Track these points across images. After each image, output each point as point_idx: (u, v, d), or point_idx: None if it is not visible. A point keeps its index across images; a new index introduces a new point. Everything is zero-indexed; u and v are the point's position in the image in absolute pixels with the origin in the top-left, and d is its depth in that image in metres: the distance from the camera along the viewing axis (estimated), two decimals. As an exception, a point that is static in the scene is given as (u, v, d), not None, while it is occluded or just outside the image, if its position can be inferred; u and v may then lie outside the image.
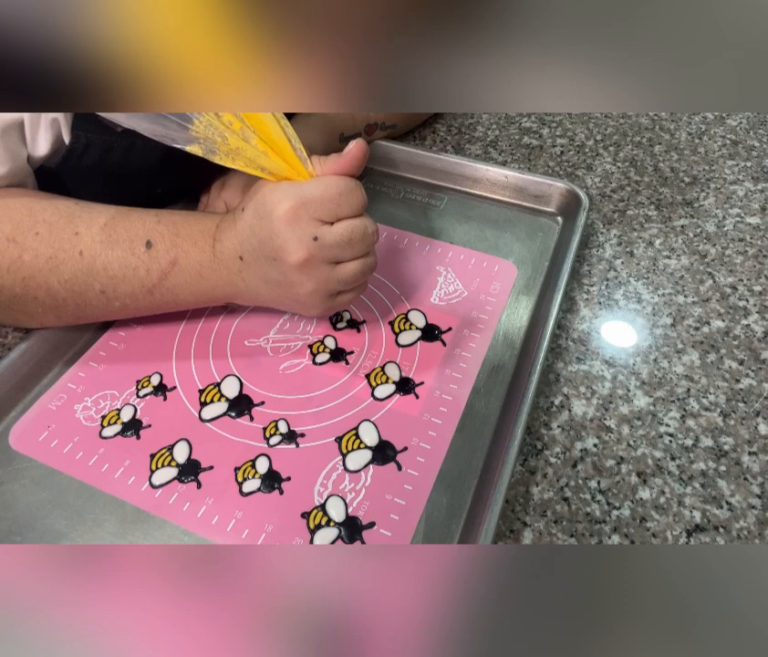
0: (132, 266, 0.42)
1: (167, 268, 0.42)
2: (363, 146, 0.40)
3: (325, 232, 0.39)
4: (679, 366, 0.48)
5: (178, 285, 0.43)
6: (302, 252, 0.39)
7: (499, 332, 0.49)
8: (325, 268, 0.40)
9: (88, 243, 0.41)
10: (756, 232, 0.60)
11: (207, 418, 0.44)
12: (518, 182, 0.61)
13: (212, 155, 0.39)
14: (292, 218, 0.39)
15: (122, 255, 0.42)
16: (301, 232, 0.39)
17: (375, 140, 0.65)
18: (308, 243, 0.39)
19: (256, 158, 0.39)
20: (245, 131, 0.39)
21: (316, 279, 0.41)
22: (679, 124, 0.74)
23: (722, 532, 0.39)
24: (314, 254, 0.39)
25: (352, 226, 0.40)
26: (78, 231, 0.41)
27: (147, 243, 0.42)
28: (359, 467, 0.41)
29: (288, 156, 0.40)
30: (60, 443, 0.42)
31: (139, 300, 0.43)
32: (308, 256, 0.39)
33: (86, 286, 0.42)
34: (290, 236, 0.39)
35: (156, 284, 0.42)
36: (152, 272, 0.42)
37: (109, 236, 0.42)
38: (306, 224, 0.39)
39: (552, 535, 0.39)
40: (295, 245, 0.39)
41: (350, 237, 0.40)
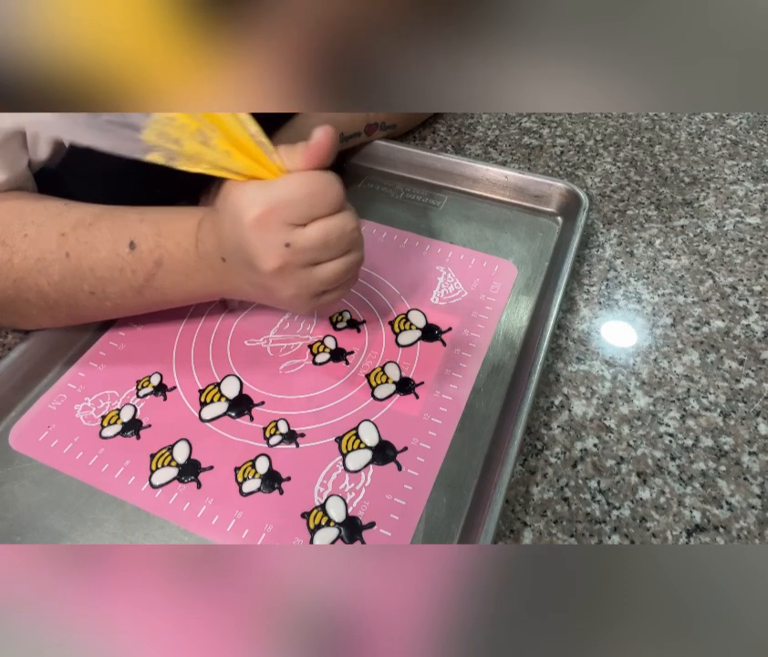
0: (118, 268, 0.41)
1: (152, 269, 0.41)
2: (329, 133, 0.37)
3: (298, 236, 0.37)
4: (679, 366, 0.48)
5: (166, 284, 0.42)
6: (275, 260, 0.37)
7: (499, 332, 0.49)
8: (303, 272, 0.38)
9: (73, 244, 0.41)
10: (756, 232, 0.60)
11: (207, 418, 0.44)
12: (518, 182, 0.61)
13: (174, 161, 0.36)
14: (261, 225, 0.36)
15: (107, 256, 0.41)
16: (272, 239, 0.37)
17: (375, 141, 0.65)
18: (281, 250, 0.37)
19: (219, 160, 0.37)
20: (204, 132, 0.36)
21: (295, 284, 0.39)
22: (679, 124, 0.74)
23: (722, 532, 0.39)
24: (288, 260, 0.37)
25: (327, 227, 0.37)
26: (65, 232, 0.41)
27: (130, 243, 0.41)
28: (359, 467, 0.41)
29: (253, 152, 0.36)
30: (60, 443, 0.42)
31: (129, 300, 0.43)
32: (282, 264, 0.37)
33: (75, 287, 0.42)
34: (261, 244, 0.37)
35: (144, 284, 0.42)
36: (138, 273, 0.41)
37: (95, 237, 0.41)
38: (276, 231, 0.36)
39: (552, 535, 0.39)
40: (268, 254, 0.37)
41: (326, 239, 0.37)
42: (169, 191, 0.55)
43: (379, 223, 0.59)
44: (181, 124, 0.35)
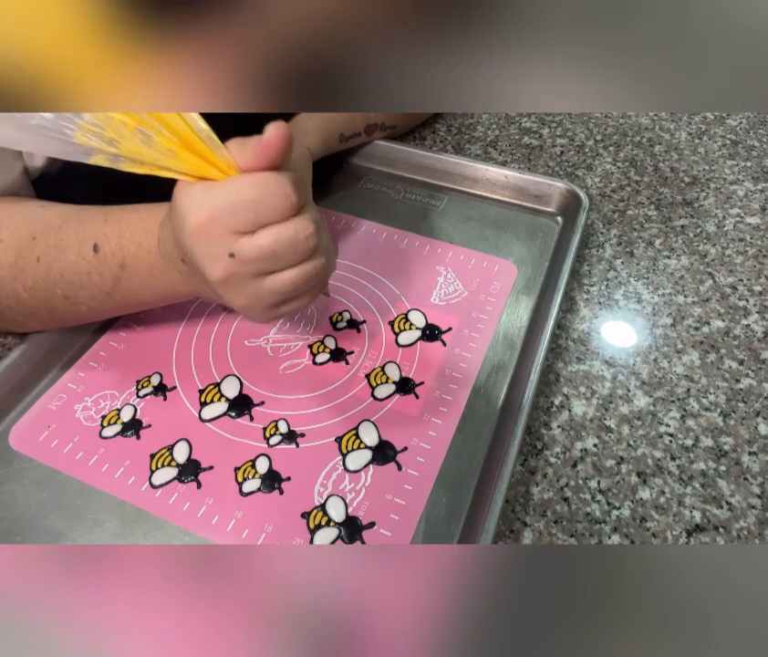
0: (85, 272, 0.40)
1: (118, 272, 0.39)
2: (281, 130, 0.33)
3: (242, 246, 0.33)
4: (679, 366, 0.48)
5: (134, 287, 0.40)
6: (219, 270, 0.34)
7: (499, 332, 0.49)
8: (252, 282, 0.35)
9: (43, 248, 0.40)
10: (756, 232, 0.60)
11: (207, 418, 0.44)
12: (518, 182, 0.61)
13: (118, 164, 0.34)
14: (203, 233, 0.33)
15: (74, 259, 0.40)
16: (215, 248, 0.34)
17: (375, 141, 0.65)
18: (224, 260, 0.34)
19: (161, 160, 0.34)
20: (145, 130, 0.33)
21: (245, 295, 0.36)
22: (679, 124, 0.74)
23: (722, 532, 0.39)
24: (233, 271, 0.34)
25: (276, 235, 0.33)
26: (36, 236, 0.40)
27: (94, 246, 0.39)
28: (359, 467, 0.41)
29: (201, 149, 0.33)
30: (60, 443, 0.42)
31: (102, 303, 0.42)
32: (227, 275, 0.34)
33: (49, 292, 0.41)
34: (204, 253, 0.34)
35: (112, 287, 0.40)
36: (105, 276, 0.40)
37: (62, 240, 0.40)
38: (219, 240, 0.33)
39: (552, 535, 0.39)
40: (212, 264, 0.34)
41: (274, 249, 0.34)
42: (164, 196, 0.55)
43: (379, 223, 0.59)
44: (119, 122, 0.33)
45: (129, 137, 0.33)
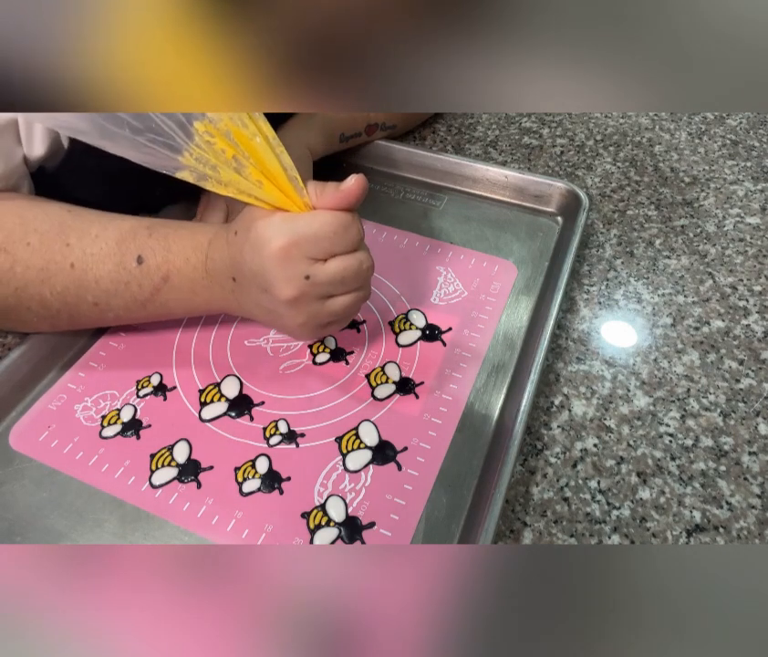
0: (124, 281, 0.41)
1: (159, 284, 0.41)
2: (362, 182, 0.39)
3: (317, 271, 0.38)
4: (679, 366, 0.48)
5: (171, 300, 0.42)
6: (293, 290, 0.38)
7: (499, 332, 0.49)
8: (316, 304, 0.40)
9: (78, 255, 0.41)
10: (756, 232, 0.60)
11: (207, 418, 0.44)
12: (518, 182, 0.61)
13: (204, 182, 0.38)
14: (284, 257, 0.37)
15: (113, 269, 0.41)
16: (293, 271, 0.38)
17: (375, 141, 0.65)
18: (300, 282, 0.38)
19: (250, 189, 0.38)
20: (239, 159, 0.37)
21: (306, 314, 0.40)
22: (679, 124, 0.74)
23: (722, 532, 0.39)
24: (305, 292, 0.39)
25: (345, 264, 0.39)
26: (70, 242, 0.41)
27: (138, 258, 0.41)
28: (359, 467, 0.41)
29: (283, 185, 0.38)
30: (60, 443, 0.42)
31: (132, 312, 0.43)
32: (299, 294, 0.38)
33: (78, 298, 0.42)
34: (281, 274, 0.38)
35: (149, 298, 0.42)
36: (144, 287, 0.42)
37: (101, 249, 0.41)
38: (298, 263, 0.38)
39: (552, 535, 0.39)
40: (287, 284, 0.38)
41: (343, 276, 0.39)
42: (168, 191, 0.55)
43: (379, 223, 0.59)
44: (219, 150, 0.37)
45: (224, 164, 0.37)
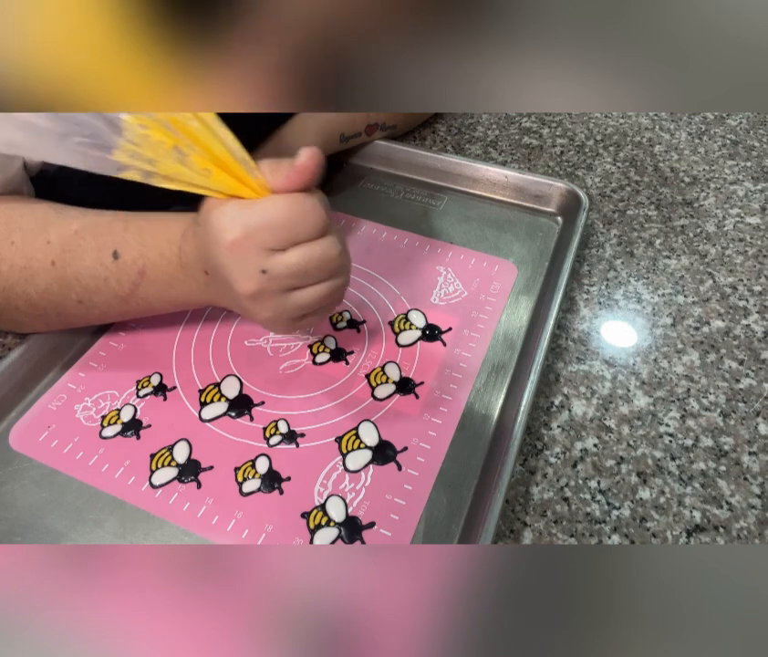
0: (103, 277, 0.40)
1: (136, 279, 0.40)
2: (314, 155, 0.35)
3: (275, 263, 0.35)
4: (679, 366, 0.48)
5: (150, 294, 0.41)
6: (250, 285, 0.35)
7: (499, 332, 0.49)
8: (280, 297, 0.37)
9: (58, 252, 0.40)
10: (756, 232, 0.60)
11: (207, 418, 0.44)
12: (518, 182, 0.61)
13: (150, 179, 0.35)
14: (237, 250, 0.35)
15: (91, 265, 0.40)
16: (248, 265, 0.35)
17: (375, 141, 0.65)
18: (257, 276, 0.35)
19: (196, 179, 0.35)
20: (181, 149, 0.34)
21: (271, 309, 0.37)
22: (679, 124, 0.74)
23: (722, 532, 0.39)
24: (264, 286, 0.36)
25: (308, 254, 0.35)
26: (50, 239, 0.41)
27: (114, 253, 0.40)
28: (359, 467, 0.41)
29: (233, 169, 0.34)
30: (60, 443, 0.42)
31: (115, 308, 0.43)
32: (258, 289, 0.36)
33: (62, 296, 0.41)
34: (236, 269, 0.35)
35: (129, 294, 0.41)
36: (123, 283, 0.41)
37: (79, 245, 0.40)
38: (253, 257, 0.35)
39: (552, 535, 0.39)
40: (243, 279, 0.35)
41: (305, 267, 0.35)
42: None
43: (379, 223, 0.59)
44: (156, 141, 0.34)
45: (164, 156, 0.34)
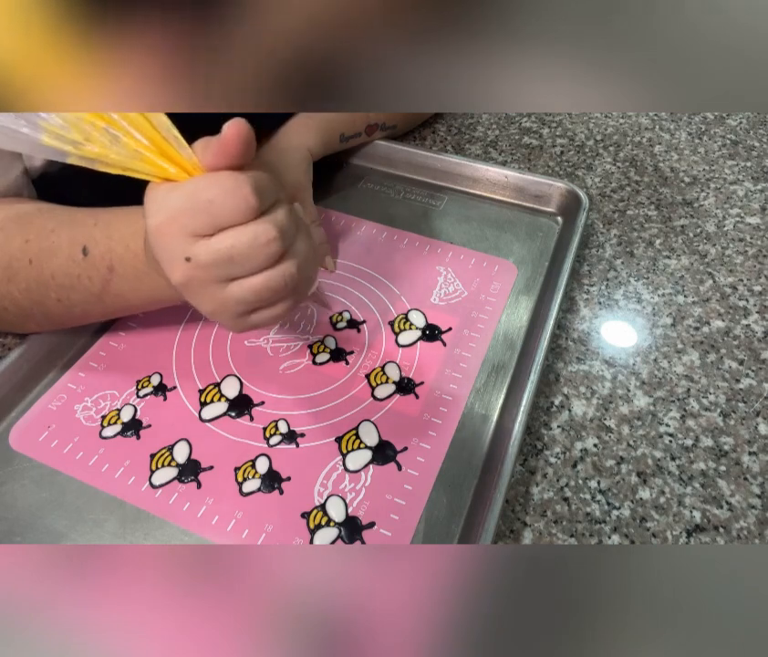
0: (75, 274, 0.40)
1: (106, 275, 0.39)
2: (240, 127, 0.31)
3: (198, 250, 0.31)
4: (679, 366, 0.48)
5: (124, 290, 0.40)
6: (177, 274, 0.32)
7: (499, 332, 0.49)
8: (213, 289, 0.33)
9: (35, 251, 0.40)
10: (756, 232, 0.60)
11: (207, 418, 0.44)
12: (518, 182, 0.61)
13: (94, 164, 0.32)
14: (161, 236, 0.32)
15: (64, 262, 0.40)
16: (172, 251, 0.32)
17: (375, 140, 0.65)
18: (182, 264, 0.32)
19: (126, 162, 0.32)
20: (113, 130, 0.32)
21: (208, 301, 0.33)
22: (679, 124, 0.74)
23: (722, 532, 0.39)
24: (190, 275, 0.32)
25: (233, 239, 0.31)
26: (29, 238, 0.40)
27: (83, 249, 0.39)
28: (359, 467, 0.41)
29: (166, 149, 0.32)
30: (60, 443, 0.42)
31: (93, 307, 0.42)
32: (185, 279, 0.32)
33: (42, 295, 0.41)
34: (164, 256, 0.32)
35: (102, 291, 0.40)
36: (94, 279, 0.39)
37: (53, 243, 0.40)
38: (176, 243, 0.32)
39: (552, 535, 0.39)
40: (170, 266, 0.32)
41: (230, 254, 0.31)
42: None
43: (379, 223, 0.59)
44: (87, 123, 0.31)
45: (96, 138, 0.32)
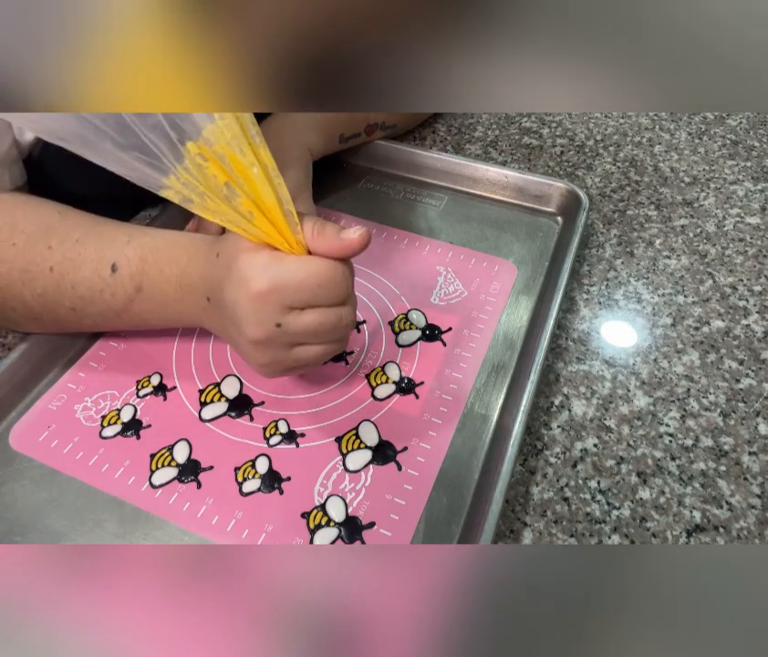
0: (98, 289, 0.41)
1: (132, 294, 0.41)
2: (366, 237, 0.36)
3: (291, 320, 0.36)
4: (679, 366, 0.48)
5: (145, 311, 0.42)
6: (261, 333, 0.36)
7: (499, 332, 0.49)
8: (282, 350, 0.37)
9: (58, 259, 0.40)
10: (756, 232, 0.60)
11: (207, 418, 0.44)
12: (518, 182, 0.61)
13: (190, 205, 0.35)
14: (259, 300, 0.35)
15: (89, 276, 0.40)
16: (265, 315, 0.35)
17: (375, 141, 0.65)
18: (270, 328, 0.36)
19: (238, 221, 0.35)
20: (232, 187, 0.34)
21: (270, 357, 0.38)
22: (679, 124, 0.74)
23: (722, 532, 0.39)
24: (273, 338, 0.36)
25: (323, 319, 0.36)
26: (52, 245, 0.41)
27: (113, 266, 0.40)
28: (359, 467, 0.41)
29: (276, 219, 0.35)
30: (60, 443, 0.42)
31: (108, 320, 0.43)
32: (266, 339, 0.36)
33: (56, 303, 0.41)
34: (253, 315, 0.36)
35: (122, 308, 0.41)
36: (118, 297, 0.41)
37: (79, 254, 0.40)
38: (272, 309, 0.35)
39: (552, 535, 0.39)
40: (256, 326, 0.36)
41: (317, 330, 0.36)
42: None
43: (379, 223, 0.59)
44: (211, 174, 0.34)
45: (214, 191, 0.34)
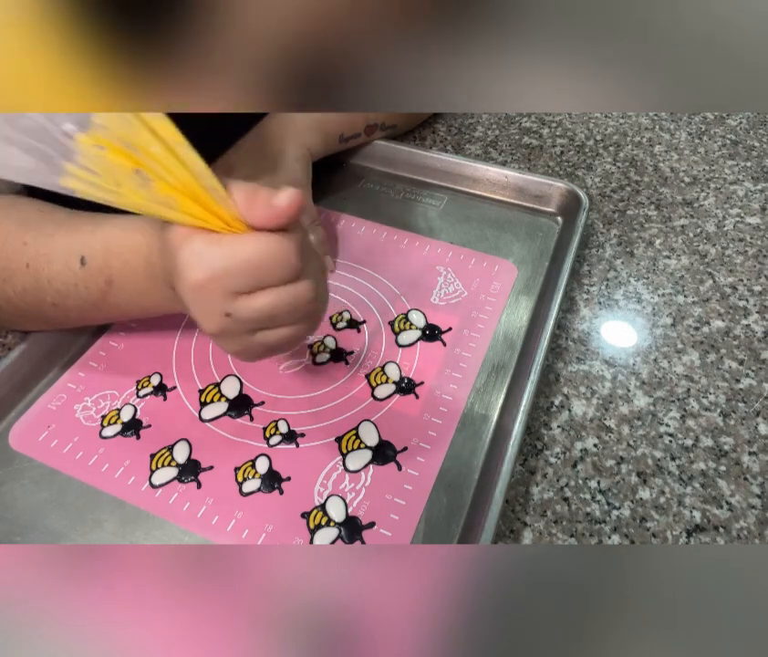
0: (72, 283, 0.40)
1: (104, 287, 0.39)
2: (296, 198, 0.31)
3: (240, 307, 0.32)
4: (679, 366, 0.48)
5: (122, 302, 0.40)
6: (213, 326, 0.34)
7: (499, 332, 0.49)
8: (243, 336, 0.35)
9: (32, 254, 0.40)
10: (756, 232, 0.60)
11: (207, 418, 0.44)
12: (518, 182, 0.61)
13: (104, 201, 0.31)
14: (201, 291, 0.32)
15: (61, 270, 0.39)
16: (211, 307, 0.33)
17: (375, 141, 0.65)
18: (220, 318, 0.33)
19: (160, 210, 0.31)
20: (143, 172, 0.30)
21: (237, 344, 0.35)
22: (679, 124, 0.74)
23: (722, 532, 0.39)
24: (227, 328, 0.34)
25: (276, 300, 0.33)
26: (27, 241, 0.40)
27: (81, 259, 0.39)
28: (359, 467, 0.41)
29: (201, 197, 0.31)
30: (60, 442, 0.42)
31: (90, 313, 0.42)
32: (220, 331, 0.34)
33: (38, 298, 0.41)
34: (200, 309, 0.33)
35: (99, 300, 0.40)
36: (91, 290, 0.40)
37: (52, 249, 0.40)
38: (217, 299, 0.32)
39: (552, 535, 0.39)
40: (206, 319, 0.34)
41: (272, 312, 0.33)
42: None
43: (379, 223, 0.59)
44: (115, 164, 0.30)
45: (125, 180, 0.30)
